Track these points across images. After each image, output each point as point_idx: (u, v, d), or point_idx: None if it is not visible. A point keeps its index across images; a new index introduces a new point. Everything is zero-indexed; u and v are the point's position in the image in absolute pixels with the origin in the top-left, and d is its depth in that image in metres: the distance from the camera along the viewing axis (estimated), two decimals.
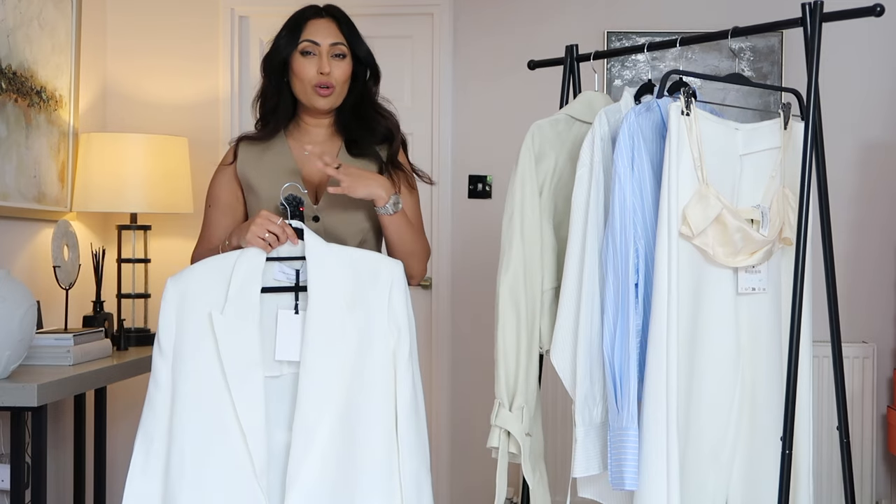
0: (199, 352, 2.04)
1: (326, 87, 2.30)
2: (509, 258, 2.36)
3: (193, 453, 2.02)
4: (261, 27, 4.07)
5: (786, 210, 2.29)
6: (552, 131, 2.43)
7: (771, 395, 2.30)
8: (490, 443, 2.37)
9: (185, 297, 2.06)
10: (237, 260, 2.06)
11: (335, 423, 2.03)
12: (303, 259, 2.08)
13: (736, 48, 3.84)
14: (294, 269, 2.09)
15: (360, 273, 2.09)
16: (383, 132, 2.36)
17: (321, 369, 2.02)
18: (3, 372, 2.67)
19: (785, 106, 2.33)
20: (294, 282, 2.08)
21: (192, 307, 2.05)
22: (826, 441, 3.58)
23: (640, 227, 2.16)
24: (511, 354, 2.35)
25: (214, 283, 2.06)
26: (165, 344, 2.06)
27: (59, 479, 3.67)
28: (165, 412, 2.05)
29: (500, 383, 2.35)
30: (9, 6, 3.26)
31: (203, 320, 2.04)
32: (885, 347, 3.79)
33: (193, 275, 2.08)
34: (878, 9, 2.20)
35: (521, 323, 2.36)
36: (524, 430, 2.35)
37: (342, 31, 2.34)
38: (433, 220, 3.93)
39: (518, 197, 2.37)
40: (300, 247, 2.09)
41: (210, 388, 2.02)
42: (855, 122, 3.82)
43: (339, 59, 2.31)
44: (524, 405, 2.35)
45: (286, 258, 2.09)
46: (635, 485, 2.11)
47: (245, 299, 2.04)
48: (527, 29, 3.96)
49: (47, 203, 3.53)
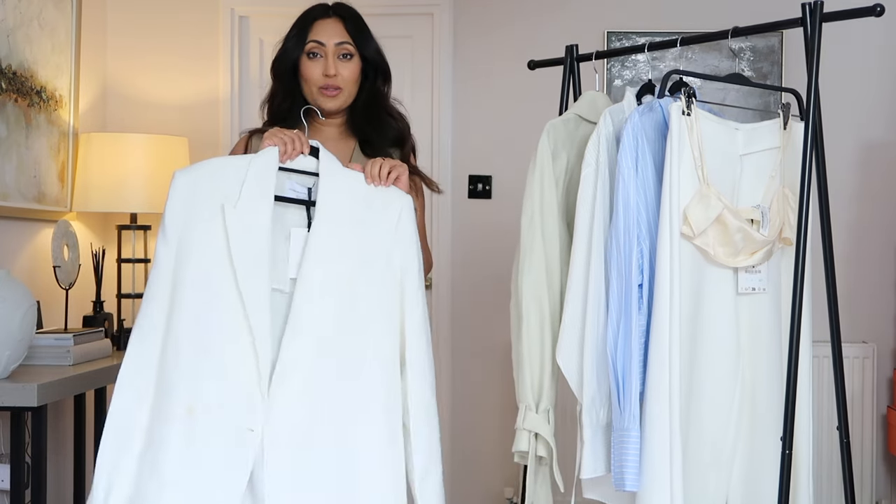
0: (208, 244, 1.96)
1: (332, 89, 2.29)
2: (531, 259, 2.32)
3: (191, 344, 1.95)
4: (261, 27, 4.07)
5: (786, 210, 2.29)
6: (564, 130, 2.42)
7: (771, 395, 2.30)
8: (518, 447, 2.31)
9: (195, 188, 1.99)
10: (251, 160, 2.01)
11: (329, 340, 1.97)
12: (316, 175, 2.05)
13: (736, 48, 3.84)
14: (307, 188, 2.05)
15: (371, 197, 2.05)
16: (395, 134, 2.35)
17: (317, 285, 1.97)
18: (3, 372, 2.67)
19: (785, 106, 2.33)
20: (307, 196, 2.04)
21: (202, 199, 1.98)
22: (826, 441, 3.58)
23: (644, 227, 2.16)
24: (536, 357, 2.31)
25: (228, 179, 1.99)
26: (171, 232, 1.98)
27: (59, 479, 3.67)
28: (165, 303, 1.97)
29: (524, 386, 2.31)
30: (9, 6, 3.26)
31: (214, 212, 1.97)
32: (885, 347, 3.79)
33: (205, 168, 2.02)
34: (878, 9, 2.20)
35: (544, 324, 2.32)
36: (552, 431, 2.31)
37: (349, 30, 2.31)
38: (433, 220, 3.93)
39: (538, 197, 2.34)
40: (314, 164, 2.05)
41: (216, 284, 1.95)
42: (855, 122, 3.82)
43: (345, 59, 2.30)
44: (550, 407, 2.32)
45: (301, 171, 2.05)
46: (636, 486, 2.11)
47: (259, 198, 1.98)
48: (527, 29, 3.96)
49: (47, 203, 3.53)
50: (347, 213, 2.02)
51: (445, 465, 4.01)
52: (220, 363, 1.94)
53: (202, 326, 1.95)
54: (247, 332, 1.92)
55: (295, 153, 2.03)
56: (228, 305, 1.94)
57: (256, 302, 1.93)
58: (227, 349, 1.93)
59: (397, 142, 2.35)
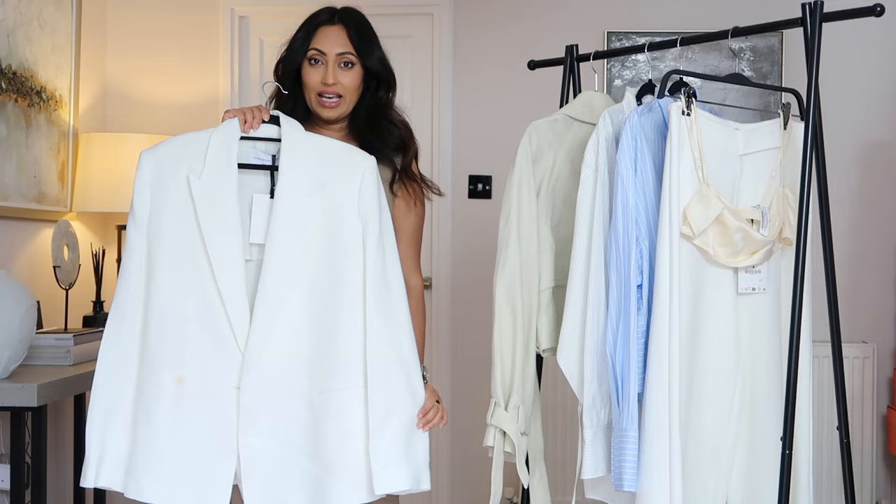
0: (176, 218, 2.01)
1: (330, 97, 2.29)
2: (505, 258, 2.37)
3: (172, 316, 2.00)
4: (261, 27, 4.07)
5: (786, 210, 2.29)
6: (550, 131, 2.44)
7: (771, 394, 2.30)
8: (486, 442, 2.37)
9: (160, 166, 2.03)
10: (213, 132, 2.05)
11: (300, 305, 2.00)
12: (279, 141, 2.07)
13: (736, 48, 3.84)
14: (270, 154, 2.08)
15: (333, 161, 2.08)
16: (396, 142, 2.34)
17: (284, 250, 2.00)
18: (3, 372, 2.67)
19: (785, 106, 2.33)
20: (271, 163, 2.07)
21: (168, 175, 2.02)
22: (826, 441, 3.58)
23: (644, 228, 2.16)
24: (507, 354, 2.36)
25: (191, 153, 2.03)
26: (140, 212, 2.03)
27: (59, 479, 3.67)
28: (141, 282, 2.02)
29: (495, 382, 2.36)
30: (9, 6, 3.26)
31: (181, 186, 2.01)
32: (885, 347, 3.79)
33: (169, 146, 2.06)
34: (878, 9, 2.20)
35: (517, 322, 2.36)
36: (519, 429, 2.35)
37: (352, 39, 2.30)
38: (433, 220, 3.93)
39: (515, 197, 2.37)
40: (276, 132, 2.08)
41: (188, 255, 2.00)
42: (855, 122, 3.82)
43: (346, 68, 2.30)
44: (520, 404, 2.35)
45: (263, 139, 2.07)
46: (634, 486, 2.11)
47: (223, 166, 2.02)
48: (527, 29, 3.96)
49: (47, 203, 3.53)
50: (310, 176, 2.04)
51: (445, 464, 3.99)
52: (201, 332, 1.99)
53: (180, 298, 2.00)
54: (218, 298, 1.98)
55: (256, 122, 2.07)
56: (202, 274, 1.99)
57: (227, 268, 1.99)
58: (206, 317, 1.99)
59: (399, 148, 2.34)
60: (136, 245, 2.03)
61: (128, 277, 2.03)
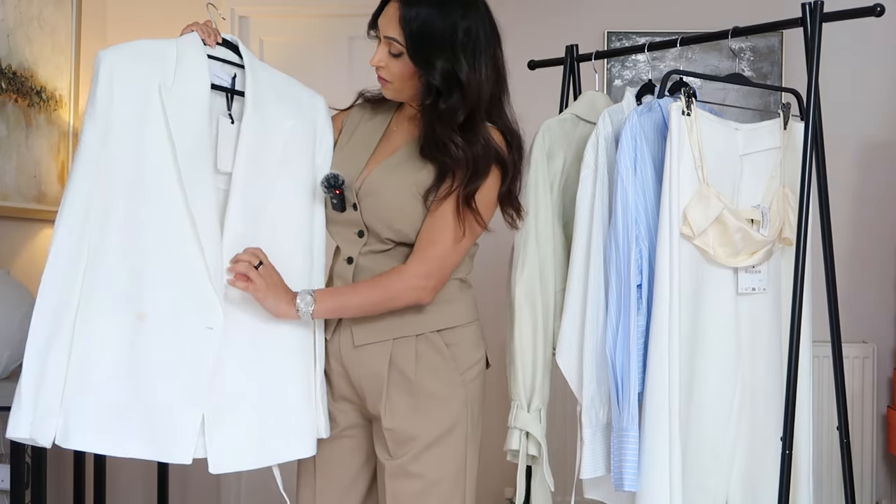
0: (143, 125, 1.85)
1: (382, 78, 2.05)
2: (524, 259, 2.32)
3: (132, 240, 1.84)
4: (261, 27, 4.07)
5: (786, 210, 2.29)
6: (560, 130, 2.42)
7: (771, 394, 2.30)
8: (509, 445, 2.31)
9: (122, 66, 1.87)
10: (177, 43, 1.95)
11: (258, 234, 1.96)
12: (241, 67, 2.04)
13: (736, 48, 3.84)
14: (230, 76, 2.03)
15: (294, 96, 2.09)
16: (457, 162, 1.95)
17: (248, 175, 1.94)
18: (3, 372, 2.67)
19: (785, 106, 2.33)
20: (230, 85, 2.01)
21: (132, 78, 1.86)
22: (826, 441, 3.58)
23: (643, 228, 2.16)
24: (528, 356, 2.32)
25: (157, 60, 1.90)
26: (101, 110, 1.84)
27: (59, 479, 3.67)
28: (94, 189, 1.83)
29: (517, 385, 2.31)
30: (9, 6, 3.26)
31: (150, 92, 1.86)
32: (885, 347, 3.79)
33: (131, 48, 1.91)
34: (878, 9, 2.20)
35: (537, 324, 2.32)
36: (543, 430, 2.32)
37: (405, 29, 1.95)
38: None
39: (532, 197, 2.34)
40: (232, 55, 2.05)
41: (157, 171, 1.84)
42: (855, 122, 3.82)
43: (394, 56, 1.99)
44: (542, 406, 2.32)
45: (226, 60, 2.02)
46: (634, 486, 2.11)
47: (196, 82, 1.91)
48: (526, 29, 3.96)
49: (47, 203, 3.53)
50: (273, 105, 2.04)
51: None
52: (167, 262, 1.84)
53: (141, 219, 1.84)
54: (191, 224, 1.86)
55: (213, 41, 2.02)
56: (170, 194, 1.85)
57: (201, 195, 1.87)
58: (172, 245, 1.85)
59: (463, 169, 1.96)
60: (92, 143, 1.84)
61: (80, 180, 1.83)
